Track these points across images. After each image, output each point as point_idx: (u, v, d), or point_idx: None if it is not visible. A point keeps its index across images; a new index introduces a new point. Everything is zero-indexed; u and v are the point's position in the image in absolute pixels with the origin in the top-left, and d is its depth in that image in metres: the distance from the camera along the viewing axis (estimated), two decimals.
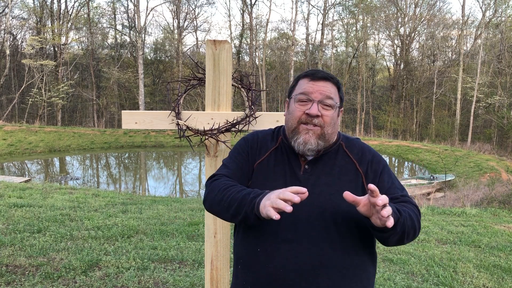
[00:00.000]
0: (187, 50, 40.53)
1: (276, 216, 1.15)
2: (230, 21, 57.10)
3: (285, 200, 1.16)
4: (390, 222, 1.17)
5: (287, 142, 1.53)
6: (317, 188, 1.44)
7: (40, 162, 21.64)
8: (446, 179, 16.44)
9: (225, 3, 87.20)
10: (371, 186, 1.17)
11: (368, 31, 38.35)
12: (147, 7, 72.71)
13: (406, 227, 1.31)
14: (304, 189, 1.20)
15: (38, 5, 35.57)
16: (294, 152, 1.51)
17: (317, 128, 1.43)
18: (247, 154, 1.55)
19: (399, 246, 4.98)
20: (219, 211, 1.42)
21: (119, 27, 39.70)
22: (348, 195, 1.22)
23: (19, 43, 37.21)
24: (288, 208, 1.13)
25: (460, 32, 34.45)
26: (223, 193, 1.39)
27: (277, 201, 1.16)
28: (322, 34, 35.95)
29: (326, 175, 1.47)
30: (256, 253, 1.46)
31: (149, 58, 41.19)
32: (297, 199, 1.15)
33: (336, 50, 41.58)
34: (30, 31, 36.01)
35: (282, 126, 1.63)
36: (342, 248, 1.41)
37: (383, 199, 1.16)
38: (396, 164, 24.88)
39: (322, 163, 1.49)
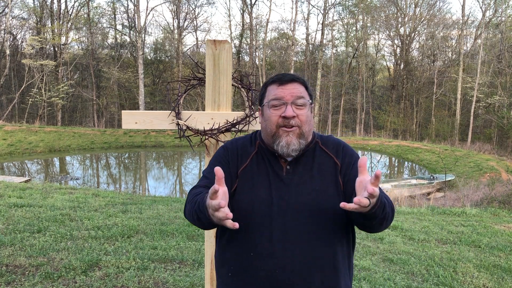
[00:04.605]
0: (187, 50, 40.53)
1: (235, 226, 1.17)
2: (230, 21, 57.18)
3: (218, 208, 1.15)
4: (366, 201, 1.19)
5: (264, 146, 1.57)
6: (302, 186, 1.50)
7: (40, 162, 21.63)
8: (446, 179, 16.41)
9: (225, 3, 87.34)
10: (360, 162, 1.26)
11: (368, 31, 38.36)
12: (147, 7, 72.52)
13: (387, 209, 1.35)
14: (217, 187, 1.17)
15: (38, 5, 35.56)
16: (273, 154, 1.55)
17: (296, 128, 1.48)
18: (228, 162, 1.56)
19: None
20: (194, 223, 1.43)
21: (119, 27, 39.72)
22: (344, 205, 1.21)
23: (19, 43, 37.20)
24: (227, 216, 1.16)
25: (460, 32, 34.43)
26: (190, 204, 1.42)
27: (218, 215, 1.17)
28: (322, 34, 35.92)
29: (308, 173, 1.53)
30: (249, 257, 1.46)
31: (149, 58, 41.14)
32: (223, 203, 1.14)
33: (336, 50, 41.58)
34: (30, 31, 35.99)
35: (258, 131, 1.67)
36: (330, 242, 1.48)
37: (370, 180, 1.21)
38: (396, 164, 24.86)
39: (302, 162, 1.55)
